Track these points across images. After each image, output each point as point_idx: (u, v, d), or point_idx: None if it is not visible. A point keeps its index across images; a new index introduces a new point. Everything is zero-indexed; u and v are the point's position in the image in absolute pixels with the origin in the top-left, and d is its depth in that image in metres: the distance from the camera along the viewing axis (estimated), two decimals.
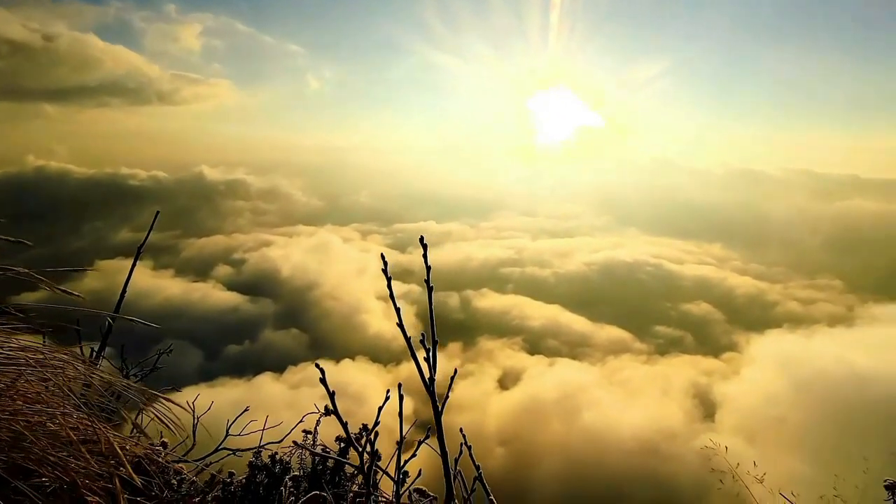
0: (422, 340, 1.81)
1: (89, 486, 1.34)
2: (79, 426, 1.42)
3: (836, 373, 34.65)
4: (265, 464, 2.52)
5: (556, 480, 31.39)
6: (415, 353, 1.75)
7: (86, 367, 1.58)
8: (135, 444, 1.61)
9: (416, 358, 1.77)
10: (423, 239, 1.82)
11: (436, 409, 1.81)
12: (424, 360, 1.79)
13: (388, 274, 1.81)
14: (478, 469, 1.95)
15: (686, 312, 64.50)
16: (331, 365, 43.84)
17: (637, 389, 41.39)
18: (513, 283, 73.42)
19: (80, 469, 1.34)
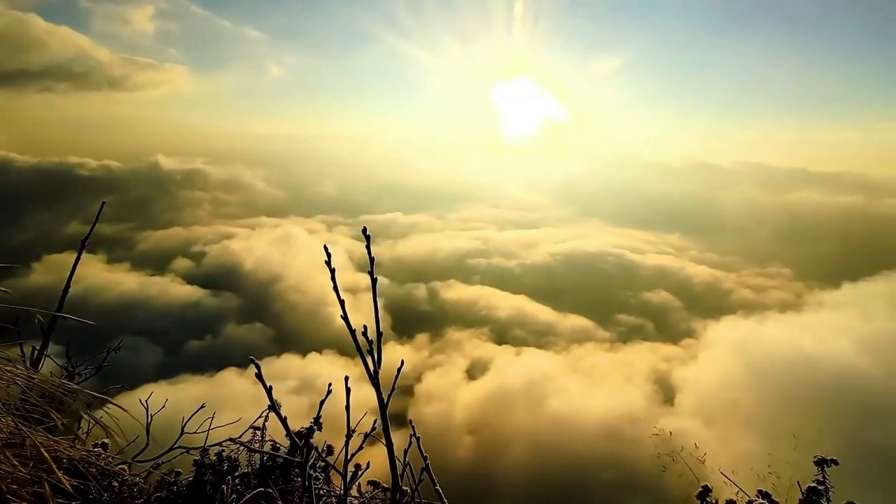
0: (364, 333, 1.77)
1: (16, 492, 1.27)
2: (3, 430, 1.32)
3: (787, 356, 36.54)
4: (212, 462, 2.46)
5: (524, 466, 31.98)
6: (359, 345, 1.75)
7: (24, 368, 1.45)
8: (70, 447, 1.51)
9: (360, 351, 1.75)
10: (366, 230, 1.79)
11: (381, 402, 1.81)
12: (368, 352, 1.77)
13: (332, 266, 1.80)
14: (425, 459, 2.00)
15: (646, 301, 66.51)
16: (297, 359, 43.11)
17: (601, 376, 42.47)
18: (479, 274, 73.98)
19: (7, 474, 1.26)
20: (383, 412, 1.80)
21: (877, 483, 21.13)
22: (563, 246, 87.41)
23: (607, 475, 30.34)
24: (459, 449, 35.34)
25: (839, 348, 35.75)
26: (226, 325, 54.51)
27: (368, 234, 1.79)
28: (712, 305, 63.12)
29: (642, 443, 32.33)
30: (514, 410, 37.42)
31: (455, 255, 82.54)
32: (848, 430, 23.76)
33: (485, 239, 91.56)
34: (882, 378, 31.61)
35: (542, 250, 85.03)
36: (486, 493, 30.77)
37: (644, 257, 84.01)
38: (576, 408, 36.61)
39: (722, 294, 70.47)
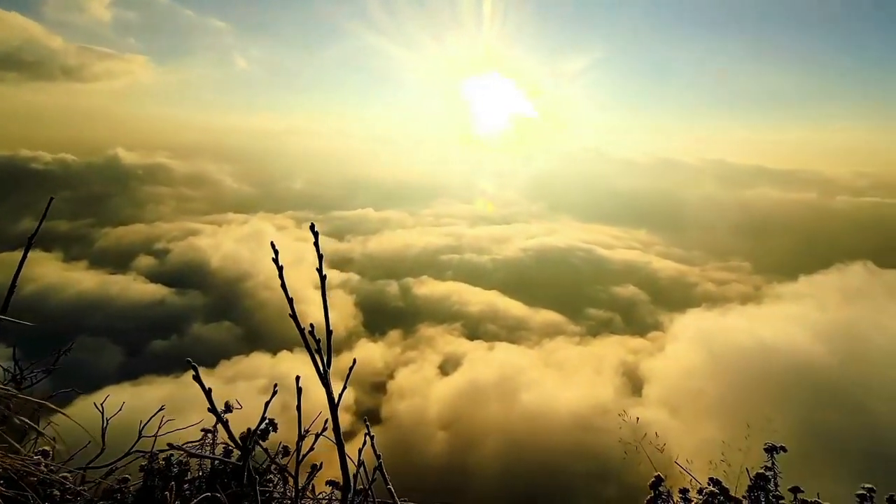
0: (311, 332, 1.75)
1: None
2: None
3: (748, 346, 37.93)
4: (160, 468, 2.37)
5: (497, 459, 32.28)
6: (308, 344, 1.72)
7: None
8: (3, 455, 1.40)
9: (309, 349, 1.72)
10: (314, 227, 1.79)
11: (331, 401, 1.77)
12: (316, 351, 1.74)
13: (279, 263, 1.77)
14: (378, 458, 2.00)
15: (615, 295, 67.90)
16: (267, 357, 42.29)
17: (571, 369, 43.18)
18: (452, 270, 74.08)
19: None
20: (333, 411, 1.77)
21: (831, 464, 22.18)
22: (534, 241, 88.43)
23: (578, 465, 30.92)
24: (433, 444, 35.39)
25: (796, 338, 37.37)
26: (192, 324, 53.02)
27: (316, 231, 1.79)
28: (678, 299, 64.89)
29: (612, 433, 33.11)
30: (486, 405, 37.70)
31: (427, 251, 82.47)
32: (804, 415, 24.88)
33: (457, 235, 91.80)
34: (836, 366, 33.22)
35: (514, 246, 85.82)
36: (460, 487, 30.94)
37: (612, 252, 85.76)
38: (547, 400, 37.12)
39: (686, 288, 72.57)
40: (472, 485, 31.32)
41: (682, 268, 79.87)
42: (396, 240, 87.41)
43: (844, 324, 38.84)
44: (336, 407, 1.75)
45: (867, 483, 2.56)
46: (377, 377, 45.45)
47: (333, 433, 1.76)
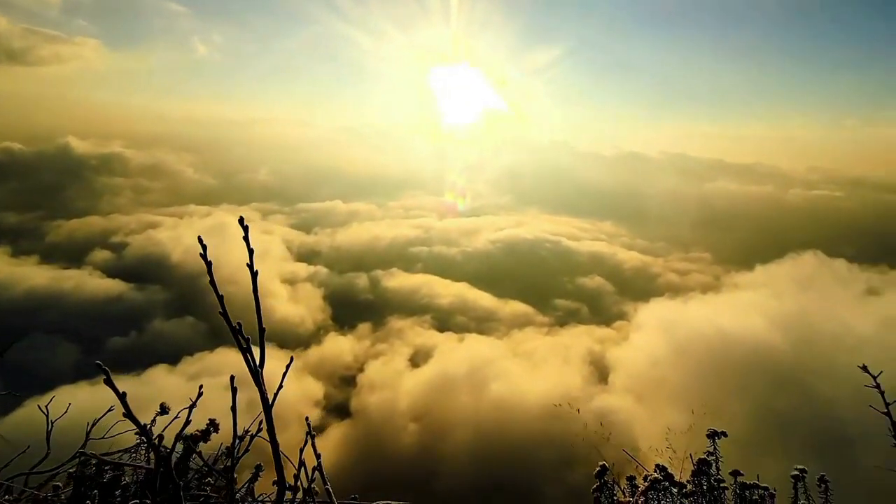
0: (238, 330, 1.68)
1: None
2: None
3: (708, 334, 39.38)
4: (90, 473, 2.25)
5: (468, 449, 32.60)
6: (240, 342, 1.66)
7: None
8: None
9: (241, 348, 1.67)
10: (243, 220, 1.69)
11: (264, 401, 1.71)
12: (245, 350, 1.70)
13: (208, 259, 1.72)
14: (318, 458, 1.99)
15: (582, 286, 69.22)
16: (233, 353, 41.35)
17: (540, 359, 43.86)
18: (421, 262, 73.94)
19: None
20: (267, 412, 1.70)
21: (785, 444, 23.32)
22: (503, 234, 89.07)
23: (546, 453, 31.52)
24: (404, 436, 35.43)
25: (753, 325, 39.02)
26: (152, 320, 51.22)
27: (246, 225, 1.69)
28: (642, 289, 66.58)
29: (579, 421, 33.94)
30: (457, 396, 37.95)
31: (397, 243, 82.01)
32: (761, 399, 26.07)
33: (426, 227, 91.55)
34: (790, 351, 34.90)
35: (483, 238, 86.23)
36: (431, 478, 31.13)
37: (579, 244, 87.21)
38: (517, 390, 37.65)
39: (650, 278, 74.51)
40: (443, 474, 31.57)
41: (646, 259, 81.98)
42: (365, 232, 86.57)
43: (797, 311, 40.81)
44: (270, 407, 1.69)
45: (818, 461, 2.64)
46: (347, 371, 45.11)
47: (268, 434, 1.69)
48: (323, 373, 43.84)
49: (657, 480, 2.57)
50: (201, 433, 2.25)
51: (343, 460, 34.01)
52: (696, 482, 2.62)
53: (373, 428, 36.55)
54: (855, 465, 14.28)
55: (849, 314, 39.93)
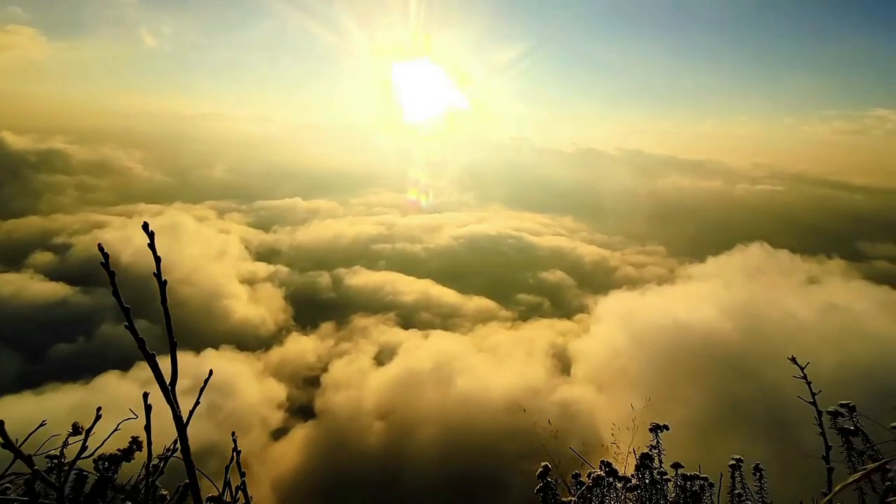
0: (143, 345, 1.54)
1: None
2: None
3: (664, 324, 40.87)
4: None
5: (435, 444, 32.62)
6: (149, 355, 1.53)
7: None
8: None
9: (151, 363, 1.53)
10: (147, 226, 1.52)
11: (178, 421, 1.57)
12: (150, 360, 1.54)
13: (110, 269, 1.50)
14: (242, 476, 1.89)
15: (543, 280, 70.29)
16: (190, 356, 39.77)
17: (504, 353, 44.32)
18: (385, 260, 73.34)
19: None
20: (181, 431, 1.55)
21: (736, 427, 24.43)
22: (466, 230, 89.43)
23: (511, 446, 31.94)
24: (370, 435, 35.08)
25: (706, 314, 40.78)
26: (101, 325, 48.57)
27: (152, 231, 1.53)
28: (601, 282, 68.28)
29: (543, 412, 34.57)
30: (423, 392, 37.87)
31: (359, 240, 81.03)
32: (714, 385, 27.22)
33: (389, 224, 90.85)
34: (740, 339, 36.66)
35: (446, 234, 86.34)
36: (398, 475, 30.97)
37: (541, 239, 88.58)
38: (482, 385, 37.90)
39: (609, 271, 76.52)
40: (410, 471, 31.49)
41: (605, 253, 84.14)
42: (327, 230, 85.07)
43: (746, 300, 42.91)
44: (185, 426, 1.54)
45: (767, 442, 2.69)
46: (310, 371, 44.22)
47: (182, 454, 1.54)
48: (285, 374, 42.82)
49: (600, 477, 2.61)
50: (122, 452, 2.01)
51: (308, 461, 33.37)
52: (640, 476, 2.68)
53: (338, 428, 36.01)
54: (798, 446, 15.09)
55: (792, 302, 42.31)
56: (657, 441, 2.73)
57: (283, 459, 33.68)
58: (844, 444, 1.90)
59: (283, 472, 32.68)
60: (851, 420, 1.95)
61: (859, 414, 1.93)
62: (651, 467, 2.68)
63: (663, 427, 2.75)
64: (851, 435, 1.89)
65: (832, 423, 1.99)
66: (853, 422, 1.94)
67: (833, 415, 2.02)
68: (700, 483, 2.68)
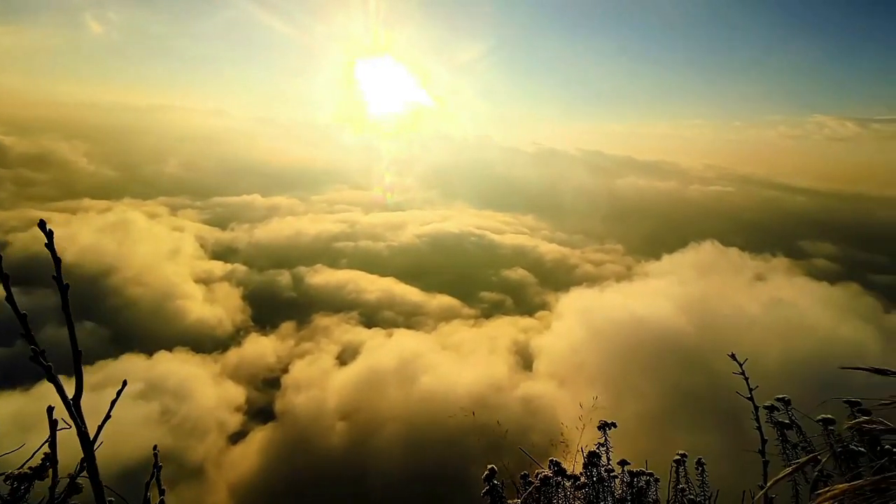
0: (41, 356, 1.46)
1: None
2: None
3: (623, 320, 42.18)
4: None
5: (399, 443, 32.49)
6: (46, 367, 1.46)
7: None
8: None
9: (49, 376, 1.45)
10: (45, 224, 1.43)
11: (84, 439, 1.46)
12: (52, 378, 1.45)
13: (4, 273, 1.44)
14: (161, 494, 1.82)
15: (506, 278, 71.05)
16: (142, 359, 38.14)
17: (467, 351, 44.60)
18: (347, 258, 72.40)
19: None
20: (87, 449, 1.45)
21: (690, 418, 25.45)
22: (429, 228, 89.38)
23: (475, 441, 32.16)
24: (332, 436, 34.60)
25: (662, 310, 42.34)
26: (42, 328, 45.83)
27: (50, 230, 1.44)
28: (561, 280, 69.47)
29: (507, 408, 35.08)
30: (386, 391, 37.65)
31: (321, 238, 79.66)
32: (671, 378, 28.30)
33: (351, 222, 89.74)
34: (694, 333, 38.26)
35: (409, 232, 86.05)
36: (362, 475, 30.70)
37: (503, 237, 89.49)
38: (446, 382, 38.02)
39: (569, 269, 78.02)
40: (374, 470, 31.26)
41: (565, 250, 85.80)
42: (287, 227, 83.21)
43: (699, 296, 44.81)
44: (91, 444, 1.43)
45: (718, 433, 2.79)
46: (270, 373, 43.19)
47: (89, 474, 1.43)
48: (244, 376, 41.65)
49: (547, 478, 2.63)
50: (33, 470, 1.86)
51: (267, 465, 32.61)
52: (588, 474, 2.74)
53: (299, 429, 35.36)
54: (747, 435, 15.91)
55: (741, 298, 44.50)
56: (605, 438, 2.78)
57: (241, 464, 32.76)
58: (780, 437, 1.99)
59: (241, 477, 31.81)
60: (786, 413, 2.05)
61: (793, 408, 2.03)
62: (598, 465, 2.71)
63: (611, 424, 2.80)
64: (786, 428, 1.99)
65: (768, 417, 2.09)
66: (788, 415, 2.04)
67: (769, 409, 2.12)
68: (646, 479, 2.75)
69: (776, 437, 1.98)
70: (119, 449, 31.26)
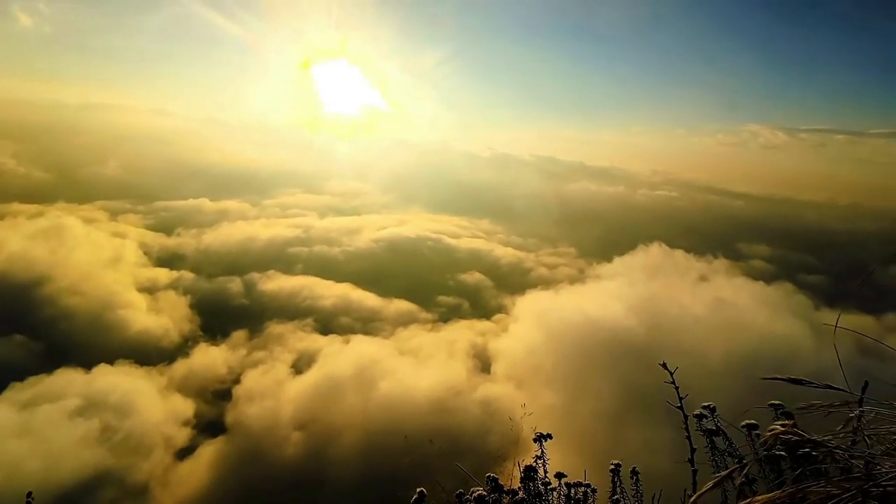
0: None
1: None
2: None
3: (577, 321, 43.31)
4: None
5: (358, 451, 32.02)
6: None
7: None
8: None
9: None
10: None
11: None
12: None
13: None
14: None
15: (462, 282, 71.45)
16: (80, 374, 35.84)
17: (426, 355, 44.49)
18: (302, 263, 70.79)
19: None
20: None
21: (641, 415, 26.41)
22: (385, 232, 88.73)
23: (436, 445, 32.20)
24: (287, 447, 33.69)
25: (614, 311, 43.81)
26: None
27: None
28: (517, 283, 70.34)
29: (466, 411, 35.32)
30: (344, 399, 37.03)
31: (274, 244, 77.50)
32: (623, 376, 29.30)
33: (306, 226, 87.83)
34: (644, 332, 39.78)
35: (365, 237, 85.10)
36: (319, 486, 30.09)
37: (459, 241, 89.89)
38: (405, 388, 37.81)
39: (524, 272, 79.24)
40: (332, 480, 30.70)
41: (520, 254, 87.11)
42: (237, 232, 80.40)
43: (648, 296, 46.66)
44: None
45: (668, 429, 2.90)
46: (221, 384, 41.59)
47: None
48: (193, 388, 39.88)
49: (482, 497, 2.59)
50: None
51: (218, 479, 31.39)
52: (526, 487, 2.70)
53: (252, 442, 34.22)
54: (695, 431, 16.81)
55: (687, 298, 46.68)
56: (542, 451, 2.77)
57: (189, 480, 31.30)
58: (708, 444, 2.11)
59: (189, 494, 30.44)
60: (713, 421, 2.17)
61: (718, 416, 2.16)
62: (535, 478, 2.69)
63: (547, 436, 2.80)
64: (714, 435, 2.12)
65: (697, 425, 2.20)
66: (715, 422, 2.16)
67: (698, 417, 2.23)
68: (584, 490, 2.77)
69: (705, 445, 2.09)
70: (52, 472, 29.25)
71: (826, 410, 1.53)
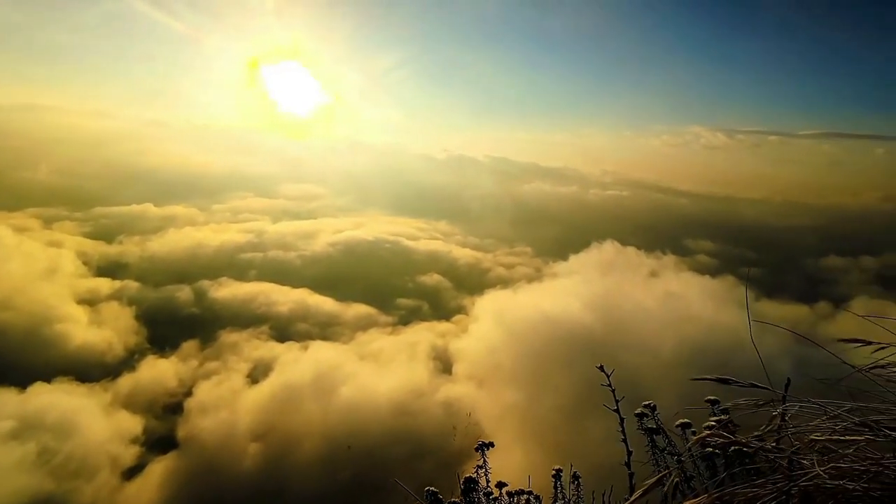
0: None
1: None
2: None
3: (535, 319, 44.11)
4: None
5: (320, 458, 31.48)
6: None
7: None
8: None
9: None
10: None
11: None
12: None
13: None
14: None
15: (421, 284, 71.36)
16: (13, 393, 33.41)
17: (386, 359, 44.18)
18: (255, 269, 68.75)
19: None
20: None
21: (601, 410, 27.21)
22: (342, 236, 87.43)
23: (399, 448, 32.07)
24: (244, 459, 32.65)
25: (571, 308, 44.92)
26: None
27: None
28: (476, 283, 70.98)
29: (428, 413, 35.36)
30: (303, 406, 36.25)
31: (225, 250, 74.86)
32: (581, 372, 30.02)
33: (259, 231, 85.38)
34: (600, 328, 41.02)
35: (321, 241, 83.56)
36: (278, 496, 29.42)
37: (417, 243, 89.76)
38: (365, 392, 37.41)
39: (482, 272, 79.97)
40: (292, 489, 30.07)
41: (478, 255, 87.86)
42: (185, 239, 77.17)
43: (602, 293, 48.15)
44: None
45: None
46: (171, 398, 39.79)
47: None
48: (140, 403, 37.94)
49: None
50: None
51: (170, 497, 30.07)
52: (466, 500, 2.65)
53: (205, 456, 32.95)
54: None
55: (639, 293, 48.49)
56: (484, 460, 2.70)
57: (137, 500, 29.79)
58: (649, 444, 2.20)
59: None
60: (654, 419, 2.27)
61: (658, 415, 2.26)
62: (477, 490, 2.63)
63: (489, 444, 2.78)
64: (654, 434, 2.21)
65: (638, 424, 2.28)
66: (655, 421, 2.26)
67: (639, 416, 2.32)
68: (526, 498, 2.73)
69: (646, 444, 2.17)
70: None
71: (753, 409, 1.64)
